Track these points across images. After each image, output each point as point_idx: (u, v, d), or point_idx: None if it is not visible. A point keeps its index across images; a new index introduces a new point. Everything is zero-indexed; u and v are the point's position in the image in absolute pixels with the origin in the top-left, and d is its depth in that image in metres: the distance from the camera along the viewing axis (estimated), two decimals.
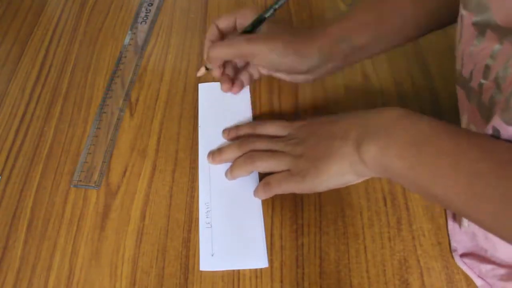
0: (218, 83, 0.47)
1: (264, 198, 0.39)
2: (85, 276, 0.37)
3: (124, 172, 0.42)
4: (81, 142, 0.45)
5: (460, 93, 0.34)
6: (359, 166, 0.34)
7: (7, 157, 0.44)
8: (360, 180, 0.36)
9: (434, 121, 0.31)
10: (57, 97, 0.49)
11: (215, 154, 0.42)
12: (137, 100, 0.48)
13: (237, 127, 0.44)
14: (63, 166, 0.43)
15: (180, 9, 0.57)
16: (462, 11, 0.31)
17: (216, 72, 0.43)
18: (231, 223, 0.39)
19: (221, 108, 0.46)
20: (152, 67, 0.51)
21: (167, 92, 0.48)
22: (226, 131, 0.44)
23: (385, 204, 0.40)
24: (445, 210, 0.39)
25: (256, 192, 0.40)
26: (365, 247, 0.37)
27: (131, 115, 0.46)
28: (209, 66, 0.44)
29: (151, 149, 0.44)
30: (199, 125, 0.45)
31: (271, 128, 0.42)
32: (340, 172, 0.35)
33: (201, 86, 0.48)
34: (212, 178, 0.41)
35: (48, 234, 0.39)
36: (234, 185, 0.41)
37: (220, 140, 0.43)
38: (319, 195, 0.40)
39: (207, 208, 0.40)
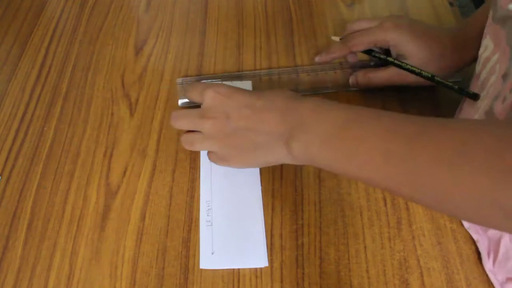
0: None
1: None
2: (85, 276, 0.37)
3: (124, 172, 0.42)
4: (81, 142, 0.45)
5: (496, 30, 0.35)
6: (287, 158, 0.35)
7: (7, 157, 0.44)
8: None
9: (344, 108, 0.33)
10: (57, 97, 0.49)
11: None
12: (137, 100, 0.48)
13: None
14: (63, 166, 0.43)
15: (180, 9, 0.57)
16: None
17: (351, 58, 0.47)
18: (231, 221, 0.39)
19: None
20: (152, 67, 0.51)
21: (167, 92, 0.48)
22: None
23: (385, 204, 0.40)
24: None
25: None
26: (365, 247, 0.37)
27: (131, 115, 0.46)
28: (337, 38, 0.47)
29: (151, 149, 0.44)
30: None
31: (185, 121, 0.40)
32: (267, 161, 0.37)
33: None
34: (213, 176, 0.41)
35: (48, 234, 0.39)
36: (235, 183, 0.41)
37: None
38: (319, 195, 0.40)
39: (208, 206, 0.40)
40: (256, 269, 0.37)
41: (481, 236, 0.37)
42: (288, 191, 0.41)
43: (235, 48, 0.52)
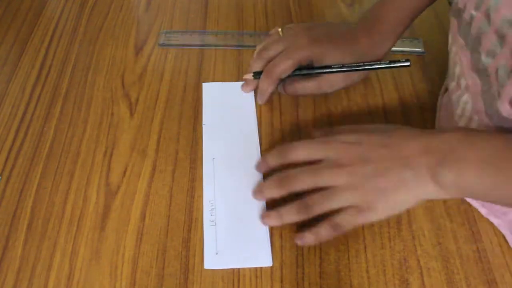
0: (222, 82, 0.48)
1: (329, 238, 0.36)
2: (85, 276, 0.37)
3: (124, 172, 0.42)
4: (81, 142, 0.45)
5: (453, 24, 0.35)
6: (434, 194, 0.33)
7: (7, 157, 0.44)
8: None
9: (493, 135, 0.32)
10: (57, 97, 0.49)
11: (256, 193, 0.40)
12: (137, 100, 0.48)
13: (264, 158, 0.40)
14: (63, 166, 0.43)
15: (180, 9, 0.57)
16: None
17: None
18: (235, 221, 0.39)
19: (226, 106, 0.47)
20: (152, 67, 0.51)
21: (167, 92, 0.48)
22: (257, 167, 0.41)
23: None
24: (446, 211, 0.39)
25: (323, 237, 0.36)
26: (365, 247, 0.37)
27: (131, 115, 0.46)
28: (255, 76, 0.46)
29: (151, 149, 0.44)
30: (203, 123, 0.45)
31: (303, 152, 0.38)
32: (413, 201, 0.34)
33: (205, 85, 0.48)
34: (216, 176, 0.41)
35: (48, 234, 0.39)
36: (238, 183, 0.41)
37: (223, 138, 0.44)
38: None
39: (211, 206, 0.40)
40: (256, 269, 0.37)
41: (502, 219, 0.36)
42: None
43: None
